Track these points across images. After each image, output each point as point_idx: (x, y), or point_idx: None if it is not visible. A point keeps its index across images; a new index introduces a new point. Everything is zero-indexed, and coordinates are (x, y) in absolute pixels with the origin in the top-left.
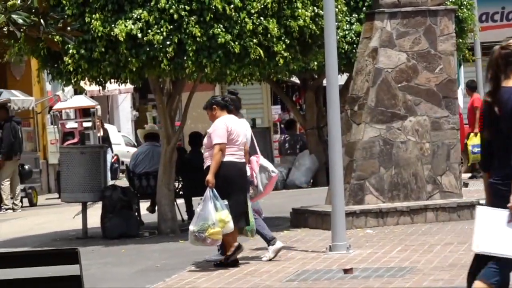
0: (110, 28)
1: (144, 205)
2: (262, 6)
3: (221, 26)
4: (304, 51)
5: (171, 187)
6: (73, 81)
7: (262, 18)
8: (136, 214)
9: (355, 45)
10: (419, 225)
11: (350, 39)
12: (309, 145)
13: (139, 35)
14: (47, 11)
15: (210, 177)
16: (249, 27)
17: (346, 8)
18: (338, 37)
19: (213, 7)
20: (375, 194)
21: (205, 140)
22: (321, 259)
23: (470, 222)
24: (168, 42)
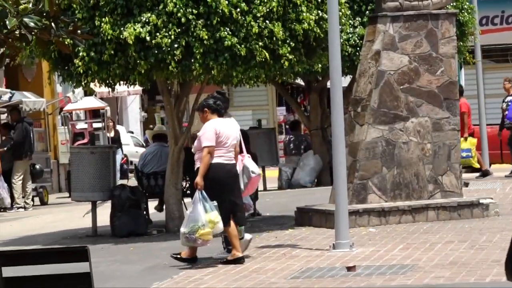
0: (119, 31)
1: (152, 204)
2: (268, 10)
3: (228, 29)
4: (309, 53)
5: (178, 187)
6: (83, 83)
7: (267, 21)
8: (145, 212)
9: (358, 48)
10: (421, 223)
11: (353, 42)
12: (313, 145)
13: (148, 38)
14: (58, 15)
15: (198, 179)
16: (255, 30)
17: (350, 11)
18: (341, 40)
19: (220, 11)
20: (377, 194)
21: (195, 142)
22: (325, 257)
23: (470, 221)
24: (176, 45)
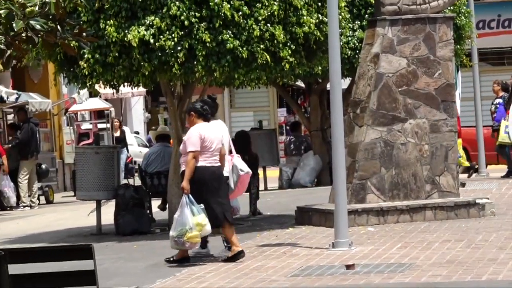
0: (124, 34)
1: (155, 203)
2: (269, 13)
3: (230, 32)
4: (309, 56)
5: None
6: (88, 84)
7: (269, 24)
8: (148, 211)
9: (357, 51)
10: (418, 223)
11: (353, 45)
12: (313, 146)
13: (151, 40)
14: (64, 18)
15: (184, 183)
16: (256, 33)
17: (349, 15)
18: (341, 43)
19: (222, 14)
20: (376, 193)
21: (181, 146)
22: (325, 255)
23: (467, 221)
24: (179, 48)
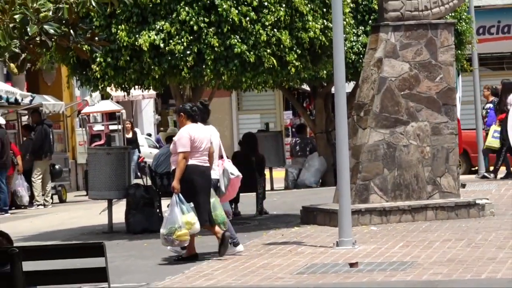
0: (135, 39)
1: (165, 203)
2: (276, 18)
3: (238, 37)
4: (314, 60)
5: None
6: (100, 87)
7: (275, 30)
8: (158, 210)
9: (361, 56)
10: (420, 222)
11: (357, 50)
12: (318, 148)
13: (162, 45)
14: (77, 22)
15: (175, 183)
16: (263, 38)
17: (354, 21)
18: (345, 48)
19: (230, 19)
20: (379, 194)
21: (171, 146)
22: (329, 254)
23: (467, 221)
24: (188, 52)
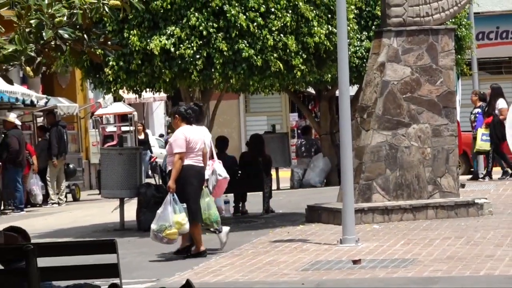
0: (146, 43)
1: None
2: (282, 24)
3: (245, 42)
4: (319, 64)
5: None
6: (112, 90)
7: (282, 35)
8: None
9: (365, 60)
10: (421, 221)
11: (360, 54)
12: (323, 148)
13: (172, 49)
14: (90, 27)
15: (171, 183)
16: (270, 43)
17: (357, 26)
18: (349, 53)
19: (238, 25)
20: (381, 193)
21: (167, 147)
22: (333, 251)
23: (466, 219)
24: (197, 56)
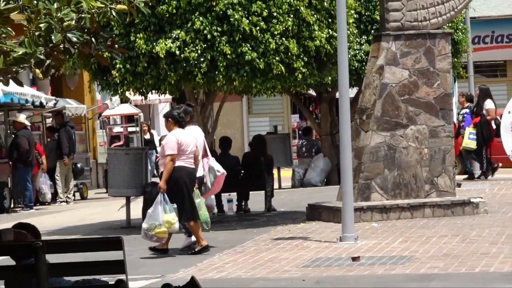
0: (152, 46)
1: None
2: (284, 28)
3: (248, 45)
4: (320, 67)
5: None
6: (119, 92)
7: (283, 38)
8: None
9: (364, 63)
10: (418, 219)
11: (360, 58)
12: (323, 149)
13: (177, 52)
14: (98, 31)
15: (162, 183)
16: (272, 46)
17: (357, 31)
18: (349, 56)
19: (241, 29)
20: (380, 192)
21: (160, 149)
22: (333, 248)
23: (462, 218)
24: (202, 59)
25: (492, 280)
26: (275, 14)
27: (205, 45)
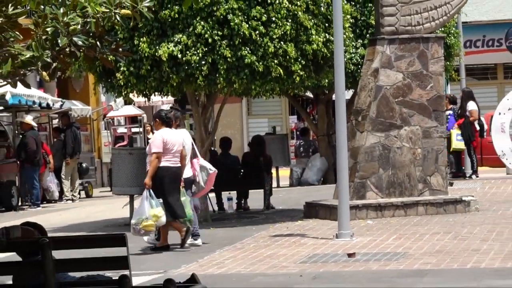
0: (155, 50)
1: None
2: (282, 32)
3: (248, 49)
4: (317, 70)
5: None
6: (123, 93)
7: (282, 42)
8: None
9: (359, 66)
10: (411, 217)
11: (355, 61)
12: (320, 149)
13: (179, 55)
14: (103, 35)
15: (147, 180)
16: (271, 50)
17: (353, 35)
18: (345, 59)
19: (241, 33)
20: (374, 191)
21: (147, 148)
22: (329, 245)
23: (454, 216)
24: (203, 62)
25: (483, 275)
26: (273, 19)
27: (206, 49)
